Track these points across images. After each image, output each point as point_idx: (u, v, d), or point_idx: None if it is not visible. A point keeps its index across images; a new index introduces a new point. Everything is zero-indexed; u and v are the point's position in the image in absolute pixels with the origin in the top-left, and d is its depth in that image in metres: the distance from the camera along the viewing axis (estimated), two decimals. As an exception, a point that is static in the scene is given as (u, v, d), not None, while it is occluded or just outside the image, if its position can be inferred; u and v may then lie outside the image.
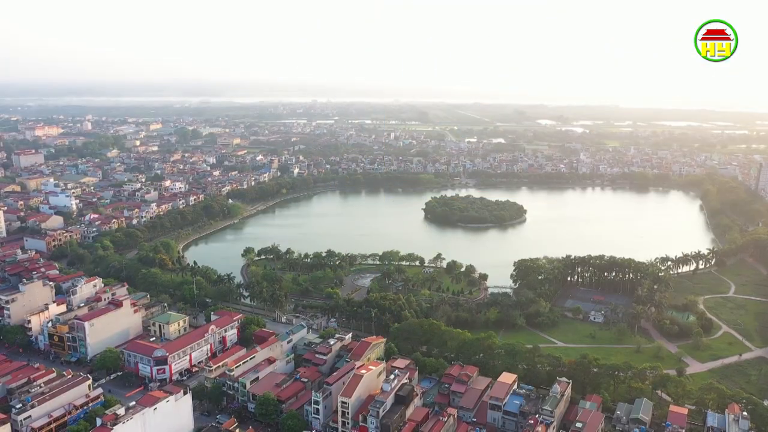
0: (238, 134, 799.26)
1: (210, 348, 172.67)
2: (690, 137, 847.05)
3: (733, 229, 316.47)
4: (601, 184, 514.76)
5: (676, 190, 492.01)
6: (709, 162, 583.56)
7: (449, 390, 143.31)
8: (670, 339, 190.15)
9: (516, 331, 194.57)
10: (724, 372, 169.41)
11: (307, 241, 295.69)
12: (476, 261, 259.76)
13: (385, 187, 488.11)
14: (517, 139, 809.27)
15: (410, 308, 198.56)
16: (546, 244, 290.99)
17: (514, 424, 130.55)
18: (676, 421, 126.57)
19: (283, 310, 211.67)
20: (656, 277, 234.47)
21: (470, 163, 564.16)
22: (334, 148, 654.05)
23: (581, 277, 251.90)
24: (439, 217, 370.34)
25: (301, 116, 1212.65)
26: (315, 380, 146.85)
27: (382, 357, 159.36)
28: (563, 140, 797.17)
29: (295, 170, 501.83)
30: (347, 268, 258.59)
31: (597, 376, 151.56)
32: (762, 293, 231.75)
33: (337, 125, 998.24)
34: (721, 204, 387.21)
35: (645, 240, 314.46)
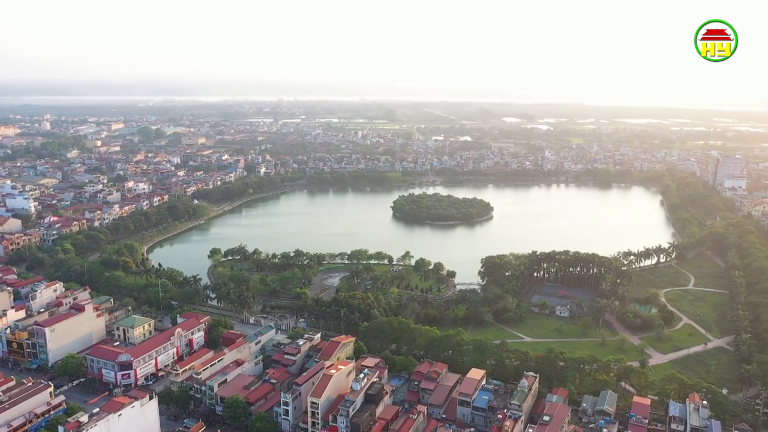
0: (203, 133, 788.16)
1: (176, 351, 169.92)
2: (650, 134, 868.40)
3: (692, 224, 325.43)
4: (566, 181, 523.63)
5: (638, 186, 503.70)
6: (669, 158, 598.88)
7: (419, 387, 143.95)
8: (633, 331, 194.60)
9: (484, 327, 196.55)
10: (685, 362, 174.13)
11: (275, 241, 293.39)
12: (444, 258, 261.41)
13: (353, 185, 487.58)
14: (484, 137, 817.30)
15: (379, 307, 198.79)
16: (512, 240, 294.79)
17: (482, 419, 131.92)
18: (639, 412, 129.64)
19: (251, 311, 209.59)
20: (619, 271, 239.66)
21: (437, 161, 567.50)
22: (302, 147, 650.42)
23: (547, 273, 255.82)
24: (407, 216, 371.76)
25: (267, 115, 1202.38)
26: (284, 381, 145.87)
27: (352, 356, 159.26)
28: (528, 138, 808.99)
29: (261, 170, 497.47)
30: (315, 268, 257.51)
31: (563, 370, 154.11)
32: (720, 285, 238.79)
33: (304, 124, 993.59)
34: (681, 199, 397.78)
35: (608, 235, 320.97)
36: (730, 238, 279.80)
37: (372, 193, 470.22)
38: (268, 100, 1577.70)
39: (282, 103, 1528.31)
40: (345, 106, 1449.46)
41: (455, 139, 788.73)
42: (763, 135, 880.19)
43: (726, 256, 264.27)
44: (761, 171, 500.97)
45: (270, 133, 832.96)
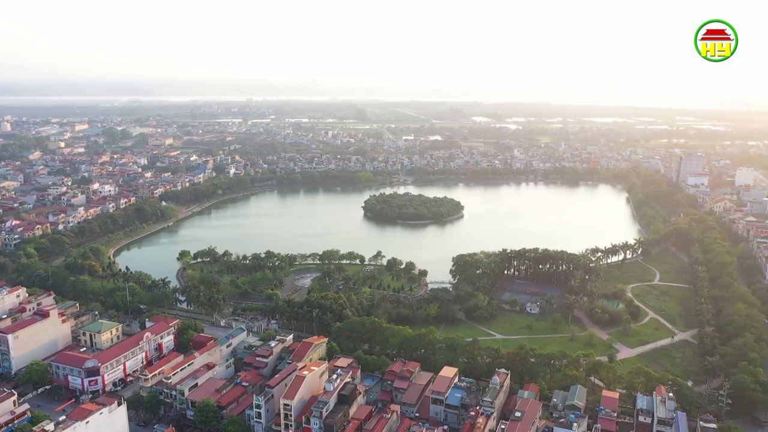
0: (171, 134, 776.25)
1: (145, 356, 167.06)
2: (616, 133, 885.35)
3: (656, 220, 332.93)
4: (535, 179, 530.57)
5: (605, 184, 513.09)
6: (634, 156, 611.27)
7: (392, 387, 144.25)
8: (602, 327, 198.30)
9: (456, 325, 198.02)
10: (652, 356, 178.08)
11: (246, 243, 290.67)
12: (416, 257, 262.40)
13: (323, 186, 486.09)
14: (454, 137, 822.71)
15: (351, 307, 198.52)
16: (483, 238, 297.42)
17: (455, 416, 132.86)
18: (608, 406, 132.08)
19: (222, 313, 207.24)
20: (587, 267, 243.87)
21: (408, 160, 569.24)
22: (271, 148, 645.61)
23: (517, 270, 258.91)
24: (379, 215, 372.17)
25: (236, 115, 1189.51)
26: (256, 384, 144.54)
27: (325, 357, 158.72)
28: (498, 137, 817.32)
29: (231, 170, 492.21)
30: (287, 269, 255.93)
31: (534, 366, 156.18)
32: (684, 280, 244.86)
33: (273, 124, 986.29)
34: (646, 196, 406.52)
35: (577, 232, 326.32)
36: (693, 233, 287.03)
37: (343, 193, 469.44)
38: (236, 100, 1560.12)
39: (251, 103, 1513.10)
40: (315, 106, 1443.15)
41: (426, 138, 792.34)
42: (723, 133, 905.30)
43: (689, 251, 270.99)
44: (722, 168, 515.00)
45: (239, 133, 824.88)
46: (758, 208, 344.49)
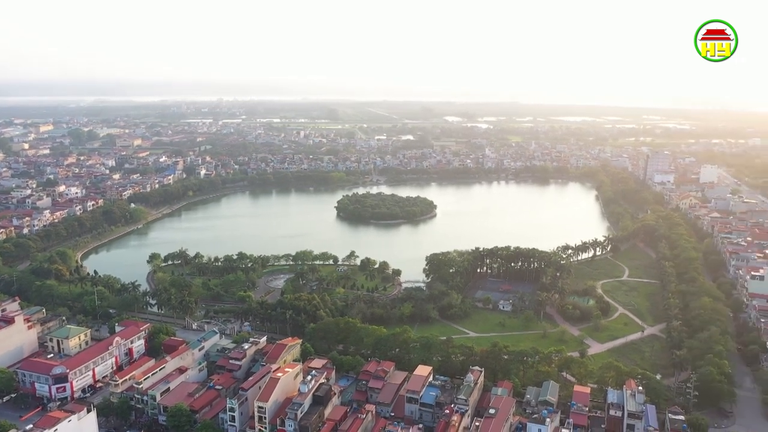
0: (139, 135, 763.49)
1: (115, 361, 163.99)
2: (585, 131, 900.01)
3: (625, 217, 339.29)
4: (506, 178, 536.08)
5: (574, 182, 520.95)
6: (603, 154, 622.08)
7: (367, 387, 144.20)
8: (573, 323, 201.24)
9: (430, 324, 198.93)
10: (622, 351, 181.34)
11: (217, 244, 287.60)
12: (389, 257, 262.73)
13: (296, 186, 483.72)
14: (426, 136, 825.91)
15: (325, 307, 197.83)
16: (456, 237, 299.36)
17: (430, 415, 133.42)
18: (580, 400, 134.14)
19: (194, 316, 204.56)
20: (559, 264, 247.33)
21: (380, 160, 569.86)
22: (243, 148, 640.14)
23: (490, 268, 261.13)
24: (352, 215, 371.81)
25: (206, 115, 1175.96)
26: (230, 387, 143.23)
27: (299, 358, 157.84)
28: (469, 136, 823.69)
29: (201, 171, 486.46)
30: (260, 270, 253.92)
31: (507, 363, 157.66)
32: (652, 275, 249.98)
33: (244, 124, 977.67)
34: (614, 193, 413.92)
35: (548, 230, 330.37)
36: (660, 230, 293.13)
37: (315, 194, 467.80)
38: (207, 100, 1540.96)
39: (222, 103, 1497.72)
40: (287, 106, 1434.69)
41: (398, 138, 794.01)
42: (688, 132, 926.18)
43: (657, 247, 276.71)
44: (687, 166, 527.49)
45: (209, 133, 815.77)
46: (722, 205, 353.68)
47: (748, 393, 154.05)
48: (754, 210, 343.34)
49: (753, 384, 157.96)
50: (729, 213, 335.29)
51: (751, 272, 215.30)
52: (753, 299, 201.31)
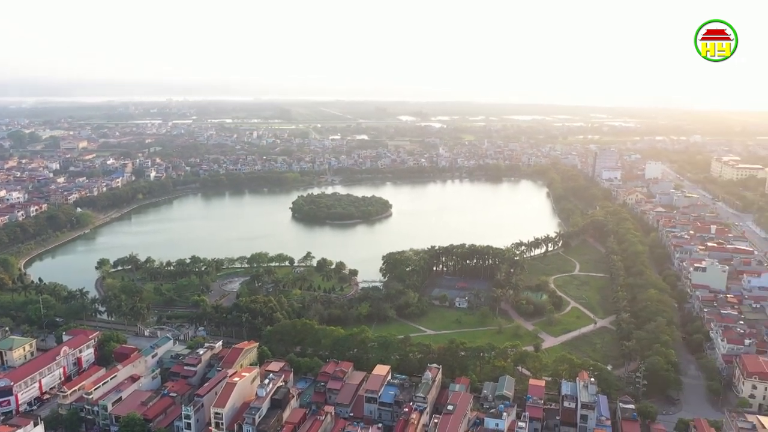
0: (85, 137, 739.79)
1: (63, 371, 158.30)
2: (536, 130, 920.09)
3: (575, 213, 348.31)
4: (460, 177, 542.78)
5: (526, 179, 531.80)
6: (553, 152, 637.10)
7: (325, 388, 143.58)
8: (527, 318, 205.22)
9: (388, 323, 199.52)
10: (574, 343, 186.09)
11: (170, 248, 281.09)
12: (346, 257, 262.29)
13: (249, 187, 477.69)
14: (380, 136, 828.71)
15: (282, 310, 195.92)
16: (412, 236, 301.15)
17: (389, 414, 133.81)
18: (535, 394, 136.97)
19: (146, 323, 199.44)
20: (512, 261, 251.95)
21: (335, 160, 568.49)
22: (194, 149, 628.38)
23: (446, 266, 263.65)
24: (307, 216, 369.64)
25: (155, 116, 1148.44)
26: (185, 393, 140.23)
27: (256, 362, 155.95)
28: (423, 135, 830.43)
29: (151, 174, 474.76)
30: (214, 274, 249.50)
31: (464, 359, 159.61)
32: (601, 270, 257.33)
33: (195, 125, 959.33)
34: (564, 190, 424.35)
35: (501, 227, 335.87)
36: (608, 225, 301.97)
37: (270, 195, 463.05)
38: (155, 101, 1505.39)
39: (171, 104, 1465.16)
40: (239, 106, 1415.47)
41: (352, 138, 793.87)
42: (633, 129, 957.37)
43: (606, 242, 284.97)
44: (633, 163, 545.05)
45: (159, 135, 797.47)
46: (666, 200, 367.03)
47: (693, 380, 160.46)
48: (696, 204, 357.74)
49: (697, 371, 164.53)
50: (673, 207, 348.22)
51: (694, 264, 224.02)
52: (696, 290, 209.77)
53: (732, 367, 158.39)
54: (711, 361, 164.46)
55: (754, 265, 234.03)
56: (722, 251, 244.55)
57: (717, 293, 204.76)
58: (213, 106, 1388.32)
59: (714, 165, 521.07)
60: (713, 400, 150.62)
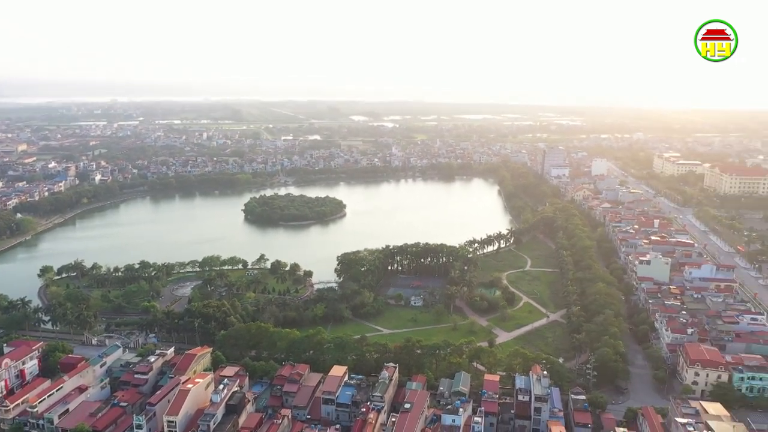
0: (24, 139, 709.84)
1: (5, 384, 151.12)
2: (486, 129, 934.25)
3: (525, 210, 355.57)
4: (413, 176, 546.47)
5: (478, 178, 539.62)
6: (504, 151, 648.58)
7: (281, 391, 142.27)
8: (481, 314, 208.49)
9: (343, 323, 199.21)
10: (527, 338, 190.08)
11: (117, 254, 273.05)
12: (300, 259, 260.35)
13: (200, 189, 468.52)
14: (333, 136, 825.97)
15: (236, 313, 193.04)
16: (366, 236, 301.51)
17: (347, 414, 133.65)
18: (490, 388, 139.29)
19: (94, 331, 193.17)
20: (466, 258, 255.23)
21: (288, 161, 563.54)
22: (141, 151, 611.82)
23: (400, 265, 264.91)
24: (260, 218, 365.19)
25: (99, 117, 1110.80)
26: (136, 402, 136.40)
27: (210, 368, 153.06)
28: (376, 135, 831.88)
29: (97, 177, 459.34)
30: (164, 279, 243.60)
31: (421, 357, 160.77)
32: (552, 265, 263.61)
33: (142, 126, 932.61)
34: (515, 188, 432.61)
35: (454, 225, 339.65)
36: (558, 221, 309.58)
37: (221, 197, 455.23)
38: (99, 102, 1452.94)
39: (116, 105, 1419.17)
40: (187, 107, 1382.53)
41: (305, 138, 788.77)
42: (580, 128, 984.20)
43: (555, 237, 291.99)
44: (580, 160, 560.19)
45: (104, 137, 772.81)
46: (611, 195, 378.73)
47: (640, 369, 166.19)
48: (640, 200, 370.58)
49: (644, 361, 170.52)
50: (618, 203, 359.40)
51: (639, 258, 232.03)
52: (641, 282, 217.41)
53: (676, 355, 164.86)
54: (656, 351, 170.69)
55: (695, 257, 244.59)
56: (665, 244, 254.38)
57: (661, 285, 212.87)
58: (160, 107, 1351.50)
59: (656, 161, 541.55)
60: (659, 388, 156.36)
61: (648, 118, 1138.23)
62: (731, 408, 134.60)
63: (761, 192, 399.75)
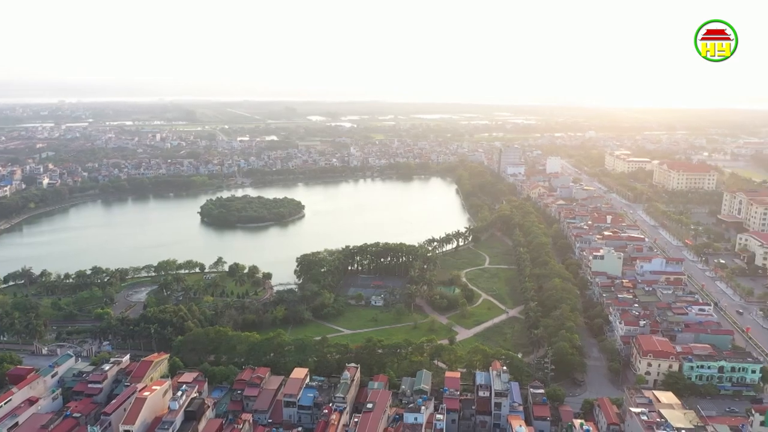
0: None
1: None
2: (443, 128, 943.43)
3: (483, 209, 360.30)
4: (372, 176, 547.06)
5: (436, 177, 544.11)
6: (461, 150, 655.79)
7: (242, 395, 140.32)
8: (441, 312, 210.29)
9: (304, 325, 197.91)
10: (486, 334, 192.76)
11: (68, 259, 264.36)
12: (259, 261, 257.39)
13: (154, 192, 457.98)
14: (290, 136, 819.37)
15: (193, 318, 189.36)
16: (326, 236, 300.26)
17: (309, 416, 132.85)
18: (451, 385, 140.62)
19: (44, 340, 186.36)
20: (425, 257, 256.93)
21: (245, 162, 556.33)
22: (92, 154, 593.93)
23: (360, 265, 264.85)
24: (217, 220, 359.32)
25: (46, 119, 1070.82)
26: (90, 413, 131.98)
27: (167, 374, 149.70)
28: (334, 135, 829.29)
29: (44, 181, 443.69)
30: (118, 285, 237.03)
31: (382, 357, 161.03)
32: (509, 262, 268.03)
33: (92, 128, 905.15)
34: (472, 186, 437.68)
35: (414, 224, 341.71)
36: (514, 219, 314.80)
37: (176, 199, 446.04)
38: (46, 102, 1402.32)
39: (64, 106, 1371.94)
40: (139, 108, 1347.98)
41: (261, 139, 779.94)
42: (534, 126, 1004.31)
43: (512, 235, 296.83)
44: (535, 158, 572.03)
45: (51, 139, 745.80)
46: (565, 193, 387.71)
47: (596, 362, 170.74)
48: (593, 196, 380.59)
49: (599, 353, 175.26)
50: (572, 200, 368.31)
51: (593, 253, 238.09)
52: (596, 277, 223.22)
53: (629, 347, 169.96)
54: (611, 343, 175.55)
55: (646, 252, 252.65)
56: (617, 239, 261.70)
57: (614, 279, 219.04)
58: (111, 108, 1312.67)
59: (607, 159, 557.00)
60: (614, 379, 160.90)
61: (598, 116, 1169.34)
62: (682, 396, 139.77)
63: (706, 187, 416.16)
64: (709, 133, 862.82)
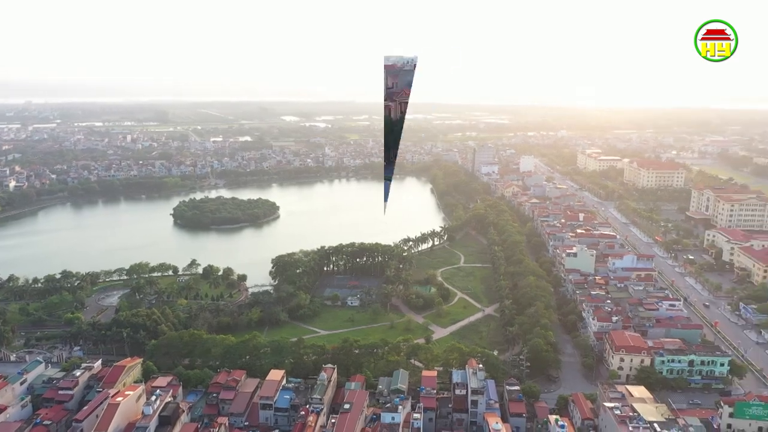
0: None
1: None
2: (417, 128, 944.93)
3: (457, 208, 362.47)
4: (347, 176, 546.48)
5: (411, 177, 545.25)
6: (435, 150, 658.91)
7: (218, 399, 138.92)
8: (417, 311, 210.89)
9: (280, 327, 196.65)
10: (462, 333, 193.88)
11: (36, 264, 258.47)
12: (234, 262, 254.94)
13: (125, 194, 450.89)
14: (264, 137, 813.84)
15: (167, 321, 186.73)
16: (301, 237, 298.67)
17: (286, 418, 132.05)
18: (428, 384, 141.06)
19: (12, 347, 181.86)
20: (401, 257, 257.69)
21: (218, 162, 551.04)
22: (60, 156, 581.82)
23: (336, 266, 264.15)
24: (190, 222, 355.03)
25: (12, 120, 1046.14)
26: (61, 420, 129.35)
27: (140, 379, 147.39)
28: (308, 135, 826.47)
29: (11, 183, 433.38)
30: (89, 289, 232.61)
31: (359, 357, 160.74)
32: (484, 260, 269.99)
33: (60, 129, 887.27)
34: (447, 186, 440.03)
35: (389, 224, 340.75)
36: (489, 217, 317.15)
37: (148, 201, 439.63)
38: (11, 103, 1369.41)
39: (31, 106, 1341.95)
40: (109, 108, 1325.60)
41: (235, 139, 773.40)
42: (507, 126, 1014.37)
43: (487, 234, 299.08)
44: (508, 157, 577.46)
45: (18, 140, 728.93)
46: (539, 191, 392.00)
47: (570, 358, 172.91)
48: (566, 194, 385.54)
49: (573, 349, 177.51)
50: (545, 198, 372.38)
51: (566, 250, 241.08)
52: (569, 274, 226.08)
53: (602, 343, 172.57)
54: (584, 339, 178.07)
55: (617, 248, 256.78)
56: (590, 237, 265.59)
57: (587, 276, 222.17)
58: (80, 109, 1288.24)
59: (579, 158, 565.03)
60: (588, 375, 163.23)
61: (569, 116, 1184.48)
62: (654, 390, 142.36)
63: (675, 185, 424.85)
64: (676, 131, 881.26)
